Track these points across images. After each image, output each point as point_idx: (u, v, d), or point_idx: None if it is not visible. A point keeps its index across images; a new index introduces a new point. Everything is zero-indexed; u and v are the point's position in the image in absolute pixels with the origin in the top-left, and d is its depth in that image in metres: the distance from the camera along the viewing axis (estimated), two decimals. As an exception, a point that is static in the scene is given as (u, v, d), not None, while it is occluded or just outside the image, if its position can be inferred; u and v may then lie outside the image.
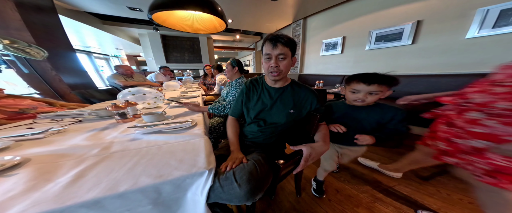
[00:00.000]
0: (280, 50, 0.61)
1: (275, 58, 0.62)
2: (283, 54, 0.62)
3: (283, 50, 0.61)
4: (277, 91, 0.72)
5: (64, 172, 0.36)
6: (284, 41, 0.61)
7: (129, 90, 1.11)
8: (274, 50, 0.61)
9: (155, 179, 0.35)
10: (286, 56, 0.62)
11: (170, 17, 1.21)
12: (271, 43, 0.61)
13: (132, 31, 4.62)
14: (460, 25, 1.72)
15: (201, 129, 0.70)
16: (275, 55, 0.62)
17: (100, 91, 1.88)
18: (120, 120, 0.80)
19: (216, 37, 5.85)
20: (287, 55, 0.62)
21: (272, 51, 0.62)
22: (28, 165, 0.39)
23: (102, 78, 5.98)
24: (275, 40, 0.61)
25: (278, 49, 0.61)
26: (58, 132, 0.64)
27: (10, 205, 0.26)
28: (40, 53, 1.83)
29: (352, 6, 2.71)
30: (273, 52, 0.62)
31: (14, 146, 0.50)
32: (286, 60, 0.63)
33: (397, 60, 2.29)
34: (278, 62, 0.63)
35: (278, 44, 0.60)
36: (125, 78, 2.42)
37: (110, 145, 0.53)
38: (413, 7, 2.04)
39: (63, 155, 0.45)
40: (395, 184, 1.07)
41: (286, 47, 0.61)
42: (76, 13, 3.10)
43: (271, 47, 0.61)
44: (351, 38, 2.83)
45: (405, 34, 2.11)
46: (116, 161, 0.42)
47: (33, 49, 1.79)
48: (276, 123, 0.73)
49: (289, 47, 0.62)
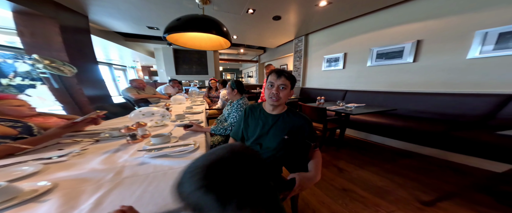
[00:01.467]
0: (282, 81, 0.73)
1: (277, 86, 0.74)
2: (284, 85, 0.74)
3: (285, 82, 0.73)
4: (274, 118, 0.79)
5: (85, 198, 0.42)
6: (287, 75, 0.74)
7: (140, 111, 1.22)
8: (277, 80, 0.73)
9: (161, 208, 0.40)
10: (286, 87, 0.74)
11: (181, 37, 1.37)
12: (276, 74, 0.74)
13: (148, 46, 5.08)
14: (460, 46, 1.74)
15: (202, 152, 0.76)
16: (277, 84, 0.73)
17: (114, 105, 2.03)
18: (130, 141, 0.89)
19: (222, 51, 6.20)
20: (287, 86, 0.74)
21: (275, 81, 0.74)
22: (56, 190, 0.46)
23: (117, 88, 6.37)
24: (280, 73, 0.74)
25: (281, 80, 0.73)
26: (78, 154, 0.73)
27: None
28: (71, 71, 2.07)
29: (353, 25, 2.82)
30: (277, 82, 0.74)
31: (44, 169, 0.58)
32: (286, 90, 0.74)
33: (399, 77, 2.31)
34: (279, 90, 0.74)
35: (282, 76, 0.73)
36: (138, 91, 2.60)
37: (122, 169, 0.60)
38: (413, 27, 2.11)
39: (84, 179, 0.52)
40: (395, 209, 1.05)
41: (288, 80, 0.74)
42: (105, 33, 3.51)
43: (275, 77, 0.74)
44: (352, 54, 2.90)
45: (406, 52, 2.15)
46: (127, 187, 0.49)
47: (66, 67, 2.03)
48: (271, 147, 0.78)
49: (290, 81, 0.74)
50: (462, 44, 1.73)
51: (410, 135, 1.75)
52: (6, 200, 0.39)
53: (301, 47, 3.90)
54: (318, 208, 1.08)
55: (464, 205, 1.07)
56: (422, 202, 1.10)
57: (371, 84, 2.66)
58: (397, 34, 2.27)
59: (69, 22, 2.26)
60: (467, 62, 1.72)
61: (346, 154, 1.90)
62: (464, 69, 1.75)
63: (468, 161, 1.55)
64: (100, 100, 2.64)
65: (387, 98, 2.34)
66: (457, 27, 1.76)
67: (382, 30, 2.43)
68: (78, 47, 2.39)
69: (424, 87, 2.08)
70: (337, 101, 2.05)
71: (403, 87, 2.27)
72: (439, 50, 1.91)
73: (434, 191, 1.22)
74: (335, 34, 3.15)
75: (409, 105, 2.09)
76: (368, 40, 2.63)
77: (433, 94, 1.96)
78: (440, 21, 1.88)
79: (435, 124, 1.68)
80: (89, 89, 2.50)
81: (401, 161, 1.71)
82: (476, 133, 1.40)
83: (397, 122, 1.87)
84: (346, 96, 2.87)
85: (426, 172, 1.50)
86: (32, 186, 0.45)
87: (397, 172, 1.50)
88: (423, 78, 2.07)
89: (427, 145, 1.71)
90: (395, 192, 1.22)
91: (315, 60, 3.69)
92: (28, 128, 0.85)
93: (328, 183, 1.34)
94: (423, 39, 2.02)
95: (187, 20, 1.08)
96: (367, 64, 2.64)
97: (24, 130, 0.82)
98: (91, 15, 2.59)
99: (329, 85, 3.40)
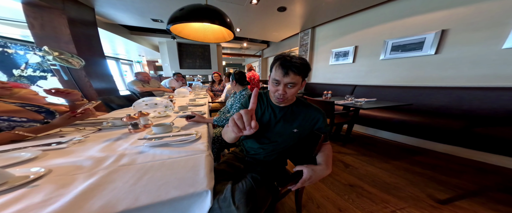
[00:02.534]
0: (290, 79, 0.55)
1: (284, 86, 0.57)
2: (293, 83, 0.56)
3: (294, 79, 0.55)
4: (282, 110, 0.71)
5: (75, 186, 0.40)
6: (296, 70, 0.54)
7: (143, 101, 1.20)
8: (284, 78, 0.56)
9: (154, 199, 0.37)
10: (295, 84, 0.57)
11: (185, 28, 1.34)
12: (282, 69, 0.55)
13: (153, 39, 5.10)
14: (495, 35, 1.55)
15: (204, 142, 0.72)
16: (284, 83, 0.57)
17: (120, 97, 2.05)
18: (132, 130, 0.87)
19: (225, 45, 6.15)
20: (297, 83, 0.57)
21: (281, 79, 0.56)
22: (49, 176, 0.44)
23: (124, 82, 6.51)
24: (287, 67, 0.54)
25: (289, 78, 0.55)
26: (79, 141, 0.72)
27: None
28: (79, 63, 2.11)
29: (365, 16, 2.65)
30: (283, 80, 0.56)
31: (41, 155, 0.57)
32: (295, 88, 0.58)
33: (416, 70, 2.15)
34: (286, 89, 0.58)
35: (290, 72, 0.54)
36: (143, 84, 2.62)
37: (120, 157, 0.57)
38: (437, 15, 1.92)
39: (79, 167, 0.50)
40: (405, 206, 0.99)
41: (298, 76, 0.56)
42: (111, 26, 3.53)
43: (281, 74, 0.56)
44: (363, 47, 2.74)
45: (427, 44, 1.98)
46: (121, 175, 0.46)
47: (74, 59, 2.07)
48: (278, 140, 0.72)
49: (301, 75, 0.57)
50: (496, 33, 1.55)
51: (426, 131, 1.63)
52: (-5, 184, 0.37)
53: (307, 40, 3.74)
54: (322, 203, 1.04)
55: (484, 204, 0.99)
56: (436, 200, 1.03)
57: (384, 78, 2.51)
58: (417, 24, 2.08)
59: (76, 14, 2.27)
60: (502, 53, 1.54)
61: (352, 149, 1.83)
62: (496, 61, 1.57)
63: (491, 159, 1.43)
64: (107, 94, 2.69)
65: (400, 93, 2.19)
66: (491, 14, 1.57)
67: (399, 20, 2.25)
68: (85, 40, 2.41)
69: (446, 81, 1.91)
70: (346, 96, 1.95)
71: (420, 81, 2.11)
72: (467, 40, 1.72)
73: (450, 189, 1.15)
74: (345, 26, 2.98)
75: (425, 100, 1.95)
76: (382, 32, 2.45)
77: (455, 88, 1.80)
78: (469, 8, 1.69)
79: (454, 120, 1.56)
80: (96, 82, 2.54)
81: (413, 158, 1.62)
82: (503, 129, 1.28)
83: (412, 117, 1.76)
84: (355, 91, 2.74)
85: (441, 169, 1.40)
86: (25, 172, 0.44)
87: (408, 169, 1.42)
88: (446, 72, 1.91)
89: (443, 142, 1.59)
90: (406, 189, 1.15)
91: (322, 54, 3.54)
92: (51, 113, 0.88)
93: (333, 178, 1.29)
94: (449, 28, 1.83)
95: (190, 10, 1.05)
96: (379, 58, 2.49)
97: (48, 114, 0.86)
98: (97, 7, 2.59)
99: (336, 80, 3.27)
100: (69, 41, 2.16)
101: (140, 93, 2.47)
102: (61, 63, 2.01)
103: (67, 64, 2.04)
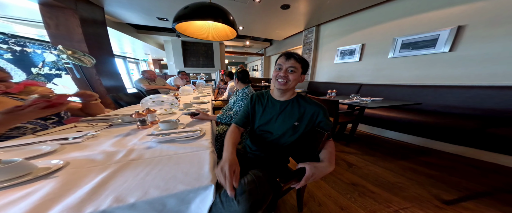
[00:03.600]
0: (292, 63, 0.66)
1: (286, 69, 0.67)
2: (294, 67, 0.66)
3: (295, 65, 0.66)
4: (283, 104, 0.74)
5: (91, 178, 0.43)
6: (297, 57, 0.67)
7: (150, 98, 1.24)
8: (286, 62, 0.67)
9: (162, 192, 0.40)
10: (296, 70, 0.67)
11: (189, 26, 1.37)
12: (285, 56, 0.67)
13: (158, 38, 5.20)
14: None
15: (208, 139, 0.75)
16: (286, 67, 0.67)
17: (128, 95, 2.13)
18: (140, 126, 0.91)
19: (227, 43, 6.17)
20: (297, 69, 0.67)
21: (284, 63, 0.67)
22: (67, 169, 0.48)
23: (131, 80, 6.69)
24: (290, 55, 0.67)
25: (290, 62, 0.66)
26: (93, 136, 0.76)
27: (46, 209, 0.33)
28: (90, 61, 2.20)
29: (373, 13, 2.57)
30: (285, 64, 0.67)
31: (60, 149, 0.61)
32: (295, 73, 0.67)
33: (427, 69, 2.08)
34: (288, 73, 0.67)
35: (292, 58, 0.66)
36: (149, 82, 2.69)
37: (129, 152, 0.61)
38: (453, 11, 1.82)
39: (93, 160, 0.54)
40: (409, 206, 0.98)
41: (298, 63, 0.67)
42: (119, 25, 3.63)
43: (284, 59, 0.67)
44: (371, 45, 2.67)
45: (441, 41, 1.90)
46: (132, 169, 0.49)
47: (86, 58, 2.16)
48: (279, 135, 0.74)
49: (301, 64, 0.67)
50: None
51: (436, 131, 1.59)
52: (21, 175, 0.41)
53: (311, 39, 3.68)
54: (324, 201, 1.04)
55: (492, 206, 0.97)
56: (442, 201, 1.01)
57: (392, 77, 2.45)
58: (431, 21, 1.99)
59: (88, 13, 2.35)
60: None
61: (356, 149, 1.81)
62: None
63: (503, 160, 1.38)
64: (115, 91, 2.78)
65: (409, 92, 2.13)
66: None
67: (411, 16, 2.16)
68: (96, 39, 2.50)
69: (460, 79, 1.84)
70: (351, 95, 1.93)
71: (431, 80, 2.05)
72: (487, 36, 1.64)
73: (457, 190, 1.12)
74: (352, 24, 2.90)
75: (436, 99, 1.89)
76: (391, 29, 2.37)
77: (469, 87, 1.72)
78: (490, 1, 1.59)
79: (467, 120, 1.51)
80: (106, 80, 2.64)
81: (420, 158, 1.59)
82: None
83: (421, 117, 1.71)
84: (361, 90, 2.69)
85: (449, 170, 1.37)
86: (46, 164, 0.47)
87: (414, 169, 1.39)
88: (459, 70, 1.83)
89: (453, 142, 1.55)
90: (410, 189, 1.14)
91: (327, 53, 3.48)
92: None
93: (336, 177, 1.29)
94: (466, 24, 1.74)
95: (195, 8, 1.08)
96: (388, 56, 2.42)
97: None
98: (107, 6, 2.67)
99: (341, 79, 3.21)
100: (81, 40, 2.25)
101: (147, 91, 2.54)
102: (74, 62, 2.10)
103: (79, 63, 2.13)
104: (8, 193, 0.37)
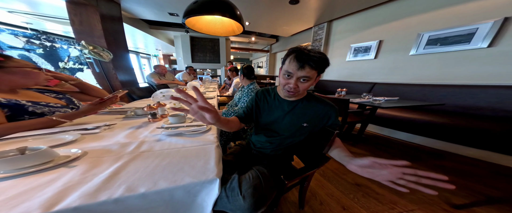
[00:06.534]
0: (305, 73, 0.52)
1: (296, 79, 0.54)
2: (307, 77, 0.53)
3: (309, 73, 0.52)
4: (291, 104, 0.70)
5: (106, 167, 0.47)
6: (314, 64, 0.50)
7: (161, 92, 1.29)
8: (298, 71, 0.52)
9: (170, 183, 0.42)
10: (309, 79, 0.54)
11: (198, 22, 1.41)
12: (297, 62, 0.51)
13: (169, 33, 5.32)
14: None
15: (214, 134, 0.76)
16: (297, 77, 0.54)
17: (140, 89, 2.22)
18: (151, 119, 0.95)
19: (233, 39, 6.18)
20: (311, 78, 0.54)
21: (295, 72, 0.53)
22: (85, 158, 0.52)
23: (142, 75, 6.96)
24: (304, 60, 0.50)
25: (304, 72, 0.52)
26: (109, 127, 0.81)
27: (66, 195, 0.36)
28: (108, 56, 2.32)
29: (394, 7, 2.39)
30: (297, 73, 0.53)
31: (80, 139, 0.66)
32: (308, 82, 0.55)
33: (456, 67, 1.90)
34: (299, 83, 0.55)
35: (306, 66, 0.51)
36: (159, 77, 2.78)
37: (141, 144, 0.64)
38: (498, 1, 1.59)
39: (108, 150, 0.58)
40: (415, 208, 0.95)
41: (314, 70, 0.52)
42: (133, 21, 3.77)
43: (296, 67, 0.52)
44: (390, 41, 2.51)
45: (479, 35, 1.69)
46: (143, 160, 0.52)
47: (105, 53, 2.29)
48: (286, 135, 0.73)
49: (317, 70, 0.53)
50: None
51: (457, 133, 1.47)
52: (45, 162, 0.45)
53: (321, 35, 3.53)
54: (326, 200, 1.04)
55: (504, 211, 0.91)
56: (452, 205, 0.97)
57: (411, 76, 2.29)
58: (466, 13, 1.80)
59: (106, 9, 2.46)
60: None
61: (364, 149, 1.76)
62: None
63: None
64: (129, 85, 2.92)
65: (428, 92, 1.99)
66: None
67: (442, 9, 1.97)
68: (113, 34, 2.61)
69: (496, 78, 1.65)
70: (362, 94, 1.85)
71: (458, 79, 1.88)
72: None
73: (471, 194, 1.06)
74: (368, 19, 2.74)
75: (460, 100, 1.74)
76: (416, 24, 2.19)
77: (505, 87, 1.56)
78: None
79: (496, 122, 1.39)
80: (121, 75, 2.77)
81: (431, 161, 1.51)
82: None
83: (440, 118, 1.60)
84: (374, 89, 2.57)
85: (463, 174, 1.30)
86: (66, 152, 0.52)
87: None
88: (497, 68, 1.64)
89: (476, 146, 1.42)
90: (418, 192, 1.07)
91: (339, 50, 3.33)
92: (69, 99, 0.99)
93: (339, 177, 1.27)
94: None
95: (203, 3, 1.10)
96: (409, 53, 2.25)
97: (67, 100, 0.97)
98: (123, 2, 2.76)
99: (352, 78, 3.08)
100: (100, 36, 2.37)
101: (157, 86, 2.64)
102: (94, 57, 2.23)
103: (99, 57, 2.26)
104: (33, 178, 0.41)
